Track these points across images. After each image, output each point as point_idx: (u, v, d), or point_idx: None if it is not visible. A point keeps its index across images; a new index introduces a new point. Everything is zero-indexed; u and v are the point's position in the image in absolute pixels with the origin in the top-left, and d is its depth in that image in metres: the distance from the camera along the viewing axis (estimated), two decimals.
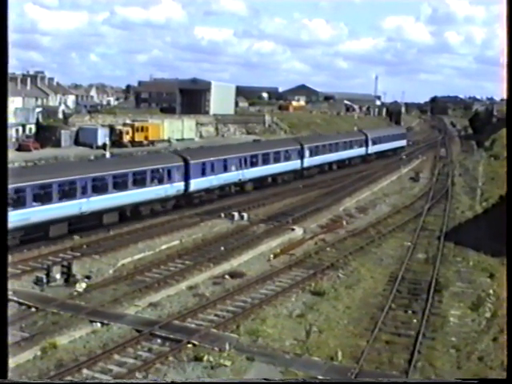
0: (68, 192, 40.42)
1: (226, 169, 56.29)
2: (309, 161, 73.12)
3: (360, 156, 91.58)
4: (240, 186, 59.60)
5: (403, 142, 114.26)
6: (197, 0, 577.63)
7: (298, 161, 70.91)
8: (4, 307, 5.84)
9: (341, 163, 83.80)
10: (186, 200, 51.79)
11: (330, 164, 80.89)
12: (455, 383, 7.29)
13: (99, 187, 42.66)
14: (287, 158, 68.48)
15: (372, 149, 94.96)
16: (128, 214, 45.57)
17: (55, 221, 38.81)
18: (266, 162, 63.55)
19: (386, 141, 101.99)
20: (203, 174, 52.93)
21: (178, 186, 50.07)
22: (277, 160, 66.00)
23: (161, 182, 48.57)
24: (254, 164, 61.15)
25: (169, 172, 49.17)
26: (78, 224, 41.65)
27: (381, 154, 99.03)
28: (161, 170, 49.02)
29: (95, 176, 42.58)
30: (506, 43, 6.01)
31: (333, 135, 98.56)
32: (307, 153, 72.62)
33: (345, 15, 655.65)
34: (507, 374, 6.34)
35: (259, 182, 62.65)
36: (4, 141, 5.85)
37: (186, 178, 50.82)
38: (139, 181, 46.51)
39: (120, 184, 44.69)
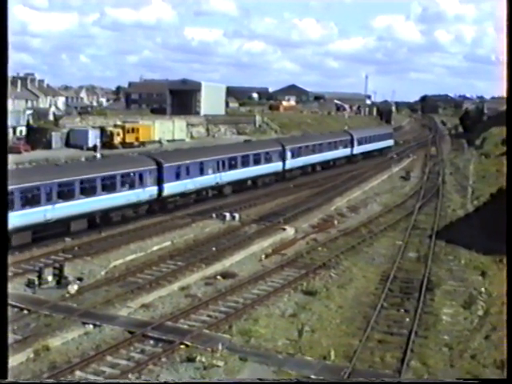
0: (31, 199, 38.54)
1: (202, 172, 54.25)
2: (291, 162, 71.08)
3: (345, 157, 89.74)
4: (217, 189, 57.62)
5: (390, 142, 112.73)
6: (187, 0, 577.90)
7: (280, 163, 68.82)
8: (4, 307, 5.83)
9: (325, 164, 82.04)
10: (159, 205, 49.81)
11: (313, 165, 78.99)
12: (455, 383, 7.32)
13: (65, 193, 40.89)
14: (268, 160, 66.37)
15: (358, 149, 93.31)
16: (97, 220, 43.66)
17: (18, 230, 35.36)
18: (245, 164, 61.48)
19: (372, 141, 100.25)
20: (178, 177, 50.92)
21: (151, 190, 48.06)
22: (257, 162, 63.93)
23: (132, 186, 46.39)
24: (232, 167, 59.05)
25: (141, 176, 47.12)
26: (43, 232, 39.79)
27: (367, 155, 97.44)
28: (132, 174, 46.87)
29: (61, 181, 40.78)
30: (505, 43, 6.02)
31: (316, 135, 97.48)
32: (289, 154, 70.60)
33: (335, 15, 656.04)
34: (507, 374, 6.34)
35: (238, 185, 60.77)
36: (4, 141, 5.84)
37: (160, 182, 48.78)
38: (109, 186, 44.49)
39: (88, 189, 42.64)
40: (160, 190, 48.82)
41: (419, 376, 22.59)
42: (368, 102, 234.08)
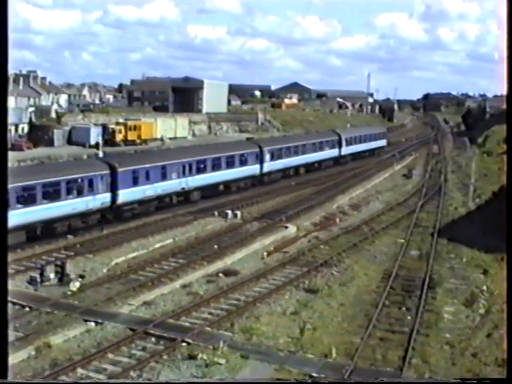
0: None
1: (164, 176, 49.72)
2: (270, 165, 66.06)
3: (332, 158, 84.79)
4: (184, 195, 53.15)
5: (383, 142, 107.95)
6: None
7: (257, 165, 63.87)
8: (4, 308, 5.84)
9: (309, 167, 77.21)
10: (114, 214, 45.45)
11: (296, 168, 73.80)
12: (456, 383, 7.31)
13: None
14: (243, 163, 61.43)
15: (346, 150, 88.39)
16: (38, 232, 39.24)
17: None
18: (216, 167, 56.81)
19: (362, 141, 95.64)
20: (135, 183, 46.42)
21: (103, 197, 43.60)
22: (230, 165, 59.06)
23: (80, 193, 41.99)
24: (201, 170, 54.49)
25: (90, 182, 42.75)
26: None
27: (358, 155, 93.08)
28: (80, 180, 42.48)
29: None
30: (505, 41, 6.03)
31: (300, 136, 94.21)
32: (267, 156, 65.63)
33: (338, 12, 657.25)
34: (507, 374, 6.36)
35: (209, 191, 56.19)
36: (4, 141, 5.86)
37: (114, 189, 44.38)
38: (52, 193, 40.14)
39: (27, 198, 38.31)
40: (114, 198, 44.50)
41: (421, 374, 22.58)
42: (370, 100, 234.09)
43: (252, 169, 63.21)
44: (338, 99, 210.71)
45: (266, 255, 38.48)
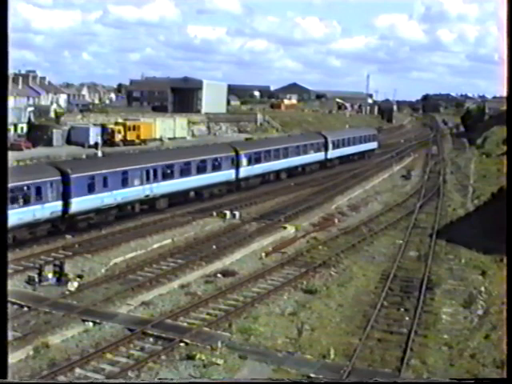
0: None
1: (125, 183, 45.61)
2: (246, 170, 61.65)
3: (318, 162, 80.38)
4: (148, 203, 49.01)
5: (373, 145, 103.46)
6: None
7: (232, 170, 59.57)
8: (4, 308, 5.84)
9: (292, 171, 72.47)
10: (67, 224, 41.46)
11: (277, 173, 69.15)
12: (456, 383, 7.33)
13: None
14: (216, 168, 57.20)
15: (333, 153, 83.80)
16: None
17: None
18: (185, 173, 52.65)
19: (351, 143, 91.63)
20: (91, 190, 42.37)
21: (53, 206, 39.77)
22: (201, 170, 54.92)
23: (27, 202, 38.26)
24: (168, 176, 50.46)
25: (38, 190, 39.12)
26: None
27: (346, 159, 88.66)
28: (26, 188, 38.55)
29: None
30: (505, 43, 6.03)
31: (281, 138, 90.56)
32: (244, 161, 61.24)
33: (338, 13, 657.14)
34: (507, 374, 6.36)
35: (177, 198, 52.35)
36: (4, 141, 5.86)
37: (66, 197, 40.46)
38: None
39: None
40: (66, 207, 40.62)
41: (419, 375, 22.59)
42: (369, 100, 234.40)
43: (226, 174, 58.86)
44: (337, 100, 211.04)
45: (265, 256, 38.47)
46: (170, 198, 51.06)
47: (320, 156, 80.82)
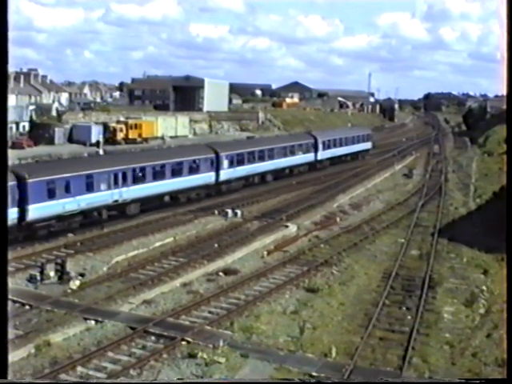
0: None
1: (90, 188, 42.45)
2: (228, 173, 58.27)
3: (307, 163, 76.69)
4: (117, 208, 45.70)
5: (367, 145, 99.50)
6: None
7: (212, 173, 56.13)
8: (4, 308, 5.84)
9: (278, 173, 69.14)
10: (25, 233, 38.43)
11: (262, 175, 65.78)
12: (456, 383, 7.36)
13: None
14: (194, 170, 53.81)
15: (323, 154, 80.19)
16: None
17: None
18: (159, 176, 49.48)
19: (343, 144, 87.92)
20: (51, 196, 39.20)
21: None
22: (176, 173, 51.61)
23: None
24: (139, 180, 47.17)
25: None
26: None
27: (338, 160, 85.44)
28: None
29: None
30: (505, 41, 6.02)
31: (267, 139, 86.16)
32: (225, 163, 57.91)
33: (340, 12, 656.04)
34: (507, 374, 6.36)
35: (149, 203, 49.07)
36: (4, 141, 5.86)
37: (22, 203, 37.41)
38: None
39: None
40: (22, 214, 37.66)
41: (420, 373, 22.59)
42: (371, 99, 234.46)
43: (205, 177, 55.28)
44: (339, 98, 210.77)
45: (267, 254, 38.48)
46: (143, 204, 48.07)
47: (309, 157, 77.35)
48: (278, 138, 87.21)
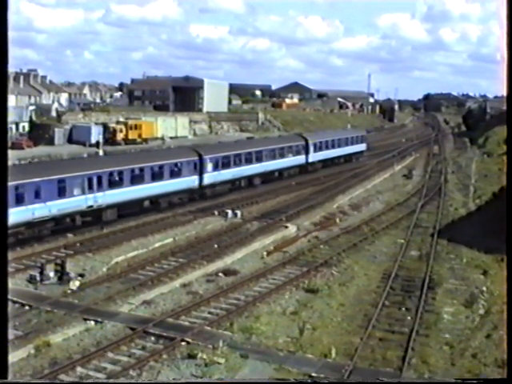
0: None
1: (62, 193, 40.31)
2: (212, 176, 55.86)
3: (297, 166, 74.29)
4: (92, 214, 43.40)
5: (361, 147, 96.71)
6: None
7: (195, 177, 53.76)
8: (4, 308, 5.83)
9: (267, 176, 66.67)
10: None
11: (249, 178, 63.43)
12: (456, 383, 7.37)
13: None
14: (176, 174, 51.57)
15: (315, 156, 77.69)
16: None
17: None
18: (137, 180, 47.13)
19: (335, 146, 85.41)
20: (19, 201, 36.70)
21: None
22: (157, 177, 49.18)
23: None
24: (116, 184, 44.84)
25: None
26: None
27: (331, 162, 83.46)
28: None
29: None
30: (505, 42, 6.02)
31: (255, 141, 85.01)
32: (209, 166, 55.43)
33: (340, 13, 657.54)
34: (507, 374, 6.36)
35: (128, 208, 46.60)
36: (4, 141, 5.86)
37: None
38: None
39: None
40: None
41: (420, 374, 22.58)
42: (371, 100, 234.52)
43: (188, 181, 52.89)
44: (339, 99, 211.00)
45: (266, 255, 38.47)
46: (120, 209, 45.64)
47: (300, 160, 74.86)
48: (267, 139, 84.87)
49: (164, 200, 50.37)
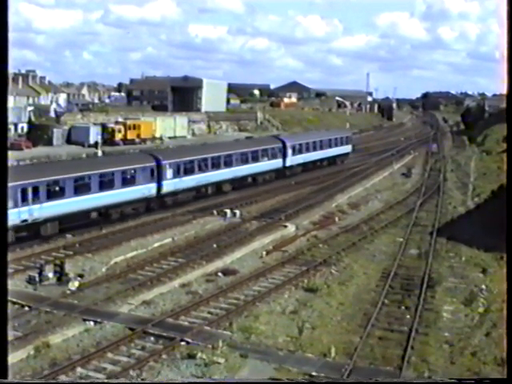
0: None
1: None
2: (173, 183, 50.84)
3: (273, 170, 68.87)
4: (28, 229, 38.82)
5: (346, 148, 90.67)
6: None
7: (153, 184, 48.74)
8: (4, 308, 5.83)
9: (238, 182, 61.71)
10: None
11: (217, 185, 58.27)
12: (456, 383, 7.34)
13: None
14: (128, 182, 46.60)
15: (293, 160, 72.20)
16: None
17: None
18: (82, 189, 42.37)
19: (316, 148, 79.62)
20: None
21: None
22: (106, 186, 44.37)
23: None
24: (55, 195, 40.37)
25: None
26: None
27: (312, 165, 78.21)
28: None
29: None
30: (505, 40, 6.02)
31: (224, 143, 79.39)
32: (169, 172, 50.36)
33: (339, 12, 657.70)
34: (507, 374, 6.36)
35: (71, 221, 42.12)
36: (4, 141, 5.85)
37: None
38: None
39: None
40: None
41: (420, 373, 22.58)
42: (369, 98, 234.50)
43: (143, 189, 47.80)
44: (337, 98, 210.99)
45: (265, 254, 38.46)
46: (62, 222, 41.14)
47: (276, 164, 69.18)
48: (239, 142, 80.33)
49: (116, 211, 45.74)
